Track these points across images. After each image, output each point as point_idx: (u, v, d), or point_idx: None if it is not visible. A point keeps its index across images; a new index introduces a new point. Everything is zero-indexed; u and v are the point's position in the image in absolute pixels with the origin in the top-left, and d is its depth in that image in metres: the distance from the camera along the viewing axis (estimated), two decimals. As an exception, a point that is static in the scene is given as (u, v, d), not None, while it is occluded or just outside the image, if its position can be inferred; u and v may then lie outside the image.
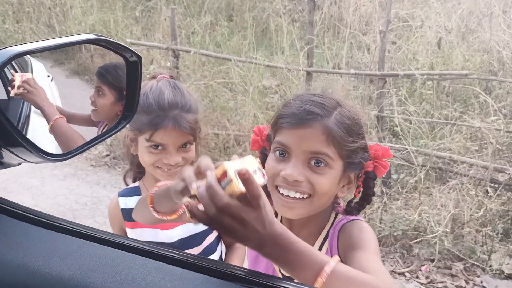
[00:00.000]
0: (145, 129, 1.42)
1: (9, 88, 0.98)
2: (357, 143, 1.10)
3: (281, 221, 1.20)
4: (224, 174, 0.75)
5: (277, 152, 1.10)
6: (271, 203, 1.18)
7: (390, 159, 1.20)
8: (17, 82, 0.99)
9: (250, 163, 0.81)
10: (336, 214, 1.20)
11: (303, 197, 1.07)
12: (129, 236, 1.60)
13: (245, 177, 0.73)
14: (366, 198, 1.19)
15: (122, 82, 1.07)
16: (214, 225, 0.77)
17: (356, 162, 1.11)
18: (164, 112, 1.41)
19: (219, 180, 0.76)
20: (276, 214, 1.19)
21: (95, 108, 1.16)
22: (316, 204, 1.09)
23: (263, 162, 1.21)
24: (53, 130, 0.97)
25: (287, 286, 0.72)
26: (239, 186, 0.74)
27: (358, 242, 1.06)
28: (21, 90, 0.92)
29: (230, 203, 0.74)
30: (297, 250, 0.80)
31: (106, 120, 1.16)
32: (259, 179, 0.79)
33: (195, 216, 0.76)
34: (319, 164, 1.06)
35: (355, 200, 1.21)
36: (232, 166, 0.77)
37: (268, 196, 1.16)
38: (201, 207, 0.77)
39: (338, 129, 1.07)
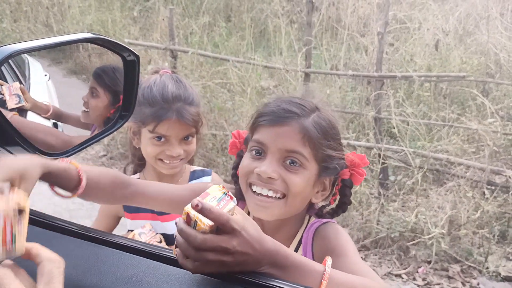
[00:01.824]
0: (149, 120, 1.45)
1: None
2: (333, 148, 1.10)
3: None
4: (188, 216, 0.74)
5: (253, 151, 1.11)
6: (243, 205, 1.18)
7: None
8: (6, 96, 0.98)
9: (213, 192, 0.78)
10: (310, 217, 1.19)
11: (276, 197, 1.07)
12: (128, 227, 1.63)
13: (198, 209, 0.72)
14: (342, 206, 1.19)
15: (119, 85, 1.07)
16: (204, 268, 0.74)
17: (331, 168, 1.11)
18: (168, 104, 1.45)
19: (188, 224, 0.74)
20: (248, 214, 1.18)
21: (86, 110, 1.15)
22: (290, 205, 1.08)
23: (238, 165, 1.21)
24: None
25: (284, 286, 0.72)
26: (204, 221, 0.72)
27: (336, 246, 1.06)
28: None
29: (205, 238, 0.72)
30: (295, 263, 0.80)
31: (94, 122, 1.15)
32: (228, 204, 0.77)
33: (185, 267, 0.74)
34: (294, 164, 1.06)
35: (330, 207, 1.20)
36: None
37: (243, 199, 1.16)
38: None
39: (315, 130, 1.07)
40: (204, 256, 0.72)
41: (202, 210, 0.72)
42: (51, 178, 0.85)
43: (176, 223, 0.77)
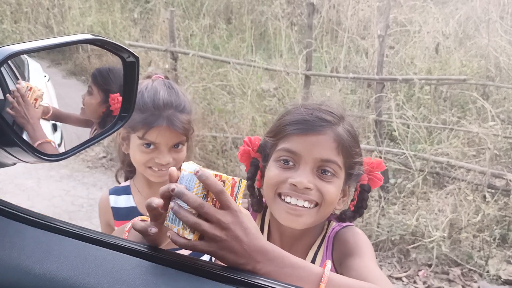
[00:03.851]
0: (139, 127, 1.42)
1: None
2: (359, 155, 1.11)
3: (268, 232, 1.18)
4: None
5: (282, 161, 1.08)
6: (259, 215, 1.16)
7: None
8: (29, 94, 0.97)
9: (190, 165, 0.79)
10: (329, 222, 1.19)
11: (310, 207, 1.06)
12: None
13: (198, 174, 0.72)
14: (358, 210, 1.19)
15: (111, 85, 1.07)
16: (196, 244, 0.75)
17: (355, 174, 1.12)
18: (159, 111, 1.42)
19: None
20: (262, 227, 1.17)
21: (83, 106, 1.17)
22: (322, 214, 1.08)
23: (253, 175, 1.20)
24: None
25: (278, 287, 0.72)
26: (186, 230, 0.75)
27: (354, 249, 1.06)
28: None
29: (203, 202, 0.73)
30: (293, 264, 0.79)
31: (91, 118, 1.16)
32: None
33: (177, 243, 0.75)
34: (326, 173, 1.06)
35: (346, 212, 1.20)
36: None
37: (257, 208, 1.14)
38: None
39: (348, 138, 1.07)
40: (199, 223, 0.72)
41: (200, 176, 0.72)
42: None
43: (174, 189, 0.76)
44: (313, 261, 1.14)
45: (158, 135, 1.42)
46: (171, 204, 0.75)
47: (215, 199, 0.75)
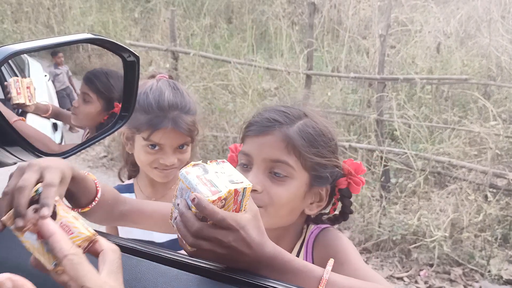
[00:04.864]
0: (144, 128, 1.41)
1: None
2: (321, 156, 1.06)
3: None
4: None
5: (242, 164, 1.08)
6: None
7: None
8: (13, 91, 0.96)
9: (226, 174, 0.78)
10: (308, 226, 1.15)
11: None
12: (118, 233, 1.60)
13: (195, 203, 0.72)
14: (342, 215, 1.15)
15: (112, 91, 1.05)
16: (200, 254, 0.75)
17: (323, 176, 1.07)
18: (164, 112, 1.41)
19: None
20: None
21: (75, 114, 1.12)
22: (273, 216, 1.03)
23: None
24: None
25: (279, 287, 0.72)
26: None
27: (338, 253, 1.02)
28: None
29: (202, 227, 0.72)
30: (294, 269, 0.79)
31: (86, 126, 1.13)
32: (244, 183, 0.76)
33: (184, 249, 0.76)
34: (279, 174, 1.03)
35: (328, 215, 1.17)
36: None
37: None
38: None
39: (299, 138, 1.04)
40: (199, 244, 0.73)
41: (196, 205, 0.71)
42: (73, 185, 0.82)
43: (177, 204, 0.76)
44: None
45: (163, 136, 1.41)
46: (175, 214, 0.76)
47: (229, 204, 0.75)
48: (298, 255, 1.13)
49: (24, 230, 0.62)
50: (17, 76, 0.99)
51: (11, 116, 0.90)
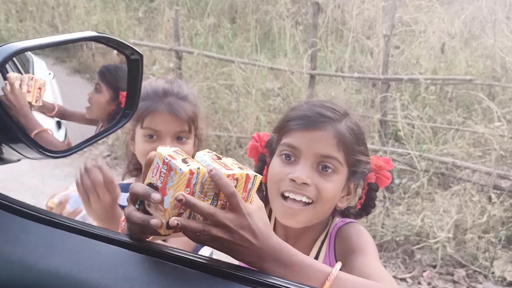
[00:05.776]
0: (140, 115, 1.43)
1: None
2: (363, 153, 1.11)
3: (274, 227, 1.18)
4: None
5: (283, 156, 1.09)
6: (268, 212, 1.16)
7: (394, 163, 1.21)
8: (23, 87, 0.95)
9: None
10: (333, 218, 1.19)
11: (307, 202, 1.06)
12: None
13: (211, 174, 0.71)
14: (365, 209, 1.19)
15: (120, 82, 1.07)
16: (205, 242, 0.74)
17: (359, 172, 1.12)
18: (159, 97, 1.44)
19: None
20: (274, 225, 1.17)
21: (89, 105, 1.16)
22: (319, 211, 1.08)
23: (260, 170, 1.22)
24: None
25: (283, 284, 0.71)
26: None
27: (356, 246, 1.05)
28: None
29: (215, 212, 0.72)
30: (300, 263, 0.79)
31: (98, 118, 1.15)
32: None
33: (189, 236, 0.74)
34: (327, 169, 1.06)
35: (355, 209, 1.21)
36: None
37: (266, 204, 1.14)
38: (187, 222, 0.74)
39: (349, 135, 1.08)
40: (207, 230, 0.72)
41: (213, 176, 0.71)
42: None
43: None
44: (316, 257, 1.14)
45: (160, 122, 1.42)
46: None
47: (239, 188, 0.75)
48: (322, 245, 1.15)
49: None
50: (22, 74, 0.99)
51: (33, 126, 0.90)
